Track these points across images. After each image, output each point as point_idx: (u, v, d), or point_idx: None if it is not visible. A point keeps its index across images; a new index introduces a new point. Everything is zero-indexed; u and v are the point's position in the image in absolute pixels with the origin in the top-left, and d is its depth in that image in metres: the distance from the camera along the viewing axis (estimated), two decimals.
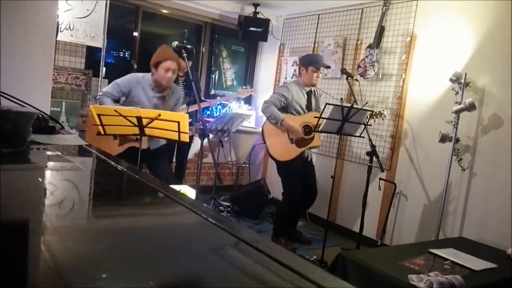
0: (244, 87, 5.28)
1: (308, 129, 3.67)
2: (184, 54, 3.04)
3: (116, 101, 3.15)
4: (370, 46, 4.16)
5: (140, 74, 3.25)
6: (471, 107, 3.18)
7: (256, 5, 5.12)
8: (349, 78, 3.82)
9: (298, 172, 3.74)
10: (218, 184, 4.54)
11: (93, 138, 2.82)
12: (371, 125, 3.53)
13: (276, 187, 3.97)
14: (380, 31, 4.10)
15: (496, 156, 3.24)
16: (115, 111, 2.53)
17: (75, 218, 0.70)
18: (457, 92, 3.34)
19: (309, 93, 3.79)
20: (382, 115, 3.66)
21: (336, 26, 4.72)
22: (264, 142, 3.79)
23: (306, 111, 3.76)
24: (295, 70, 5.13)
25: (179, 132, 2.53)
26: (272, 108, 3.62)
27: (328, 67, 3.86)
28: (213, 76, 5.71)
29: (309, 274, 0.50)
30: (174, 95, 3.29)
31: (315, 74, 3.70)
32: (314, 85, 3.78)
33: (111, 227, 0.70)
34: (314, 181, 3.92)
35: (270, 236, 3.88)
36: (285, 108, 3.69)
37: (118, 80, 3.18)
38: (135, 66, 4.94)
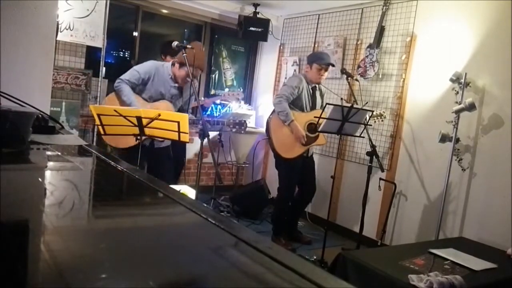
0: (233, 91, 5.31)
1: (313, 127, 3.68)
2: (184, 54, 3.04)
3: (134, 88, 3.17)
4: (370, 46, 4.15)
5: (160, 62, 3.33)
6: (471, 107, 3.18)
7: (256, 5, 5.12)
8: (349, 78, 3.82)
9: (297, 169, 3.75)
10: (218, 184, 4.53)
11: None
12: (371, 125, 3.53)
13: (276, 187, 3.97)
14: (380, 31, 4.10)
15: (496, 156, 3.24)
16: (115, 111, 2.53)
17: (75, 218, 0.70)
18: (457, 92, 3.34)
19: (313, 89, 3.80)
20: (382, 116, 3.66)
21: (336, 26, 4.72)
22: (269, 137, 3.74)
23: (310, 107, 3.76)
24: (295, 70, 5.13)
25: (179, 132, 2.53)
26: (285, 104, 3.61)
27: (332, 65, 3.80)
28: (213, 76, 5.71)
29: (309, 274, 0.50)
30: (189, 86, 3.35)
31: (320, 72, 3.69)
32: (318, 83, 3.79)
33: (111, 227, 0.70)
34: (313, 178, 3.92)
35: (270, 236, 3.88)
36: (292, 102, 3.68)
37: (138, 67, 3.21)
38: None
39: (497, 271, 2.41)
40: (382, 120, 3.70)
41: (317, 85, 3.82)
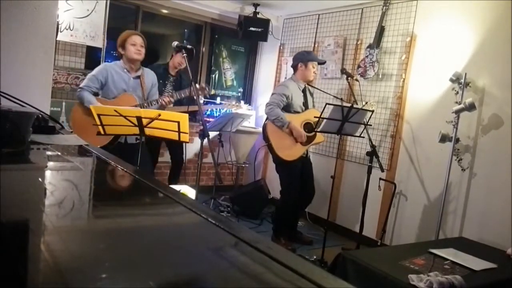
0: (236, 103, 5.37)
1: (310, 126, 3.69)
2: (184, 54, 3.05)
3: (96, 93, 3.21)
4: (370, 46, 4.16)
5: (111, 62, 3.40)
6: (471, 107, 3.18)
7: (256, 5, 5.12)
8: (349, 78, 3.82)
9: (297, 170, 3.75)
10: (218, 184, 4.53)
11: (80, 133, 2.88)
12: (371, 125, 3.53)
13: (276, 187, 3.97)
14: (380, 31, 4.10)
15: (496, 156, 3.24)
16: (115, 111, 2.53)
17: (75, 218, 0.70)
18: (457, 92, 3.34)
19: (304, 90, 3.82)
20: (372, 105, 3.71)
21: (336, 26, 4.72)
22: (268, 143, 3.72)
23: (304, 108, 3.78)
24: None
25: (179, 132, 2.53)
26: (277, 110, 3.61)
27: (325, 62, 4.12)
28: (213, 76, 5.71)
29: (309, 274, 0.50)
30: (148, 75, 3.39)
31: (313, 70, 3.76)
32: (311, 81, 3.84)
33: (111, 227, 0.70)
34: (311, 178, 3.92)
35: (270, 236, 3.88)
36: (285, 108, 3.69)
37: (93, 72, 3.26)
38: None
39: (497, 271, 2.41)
40: (373, 110, 3.73)
41: (306, 85, 3.84)
